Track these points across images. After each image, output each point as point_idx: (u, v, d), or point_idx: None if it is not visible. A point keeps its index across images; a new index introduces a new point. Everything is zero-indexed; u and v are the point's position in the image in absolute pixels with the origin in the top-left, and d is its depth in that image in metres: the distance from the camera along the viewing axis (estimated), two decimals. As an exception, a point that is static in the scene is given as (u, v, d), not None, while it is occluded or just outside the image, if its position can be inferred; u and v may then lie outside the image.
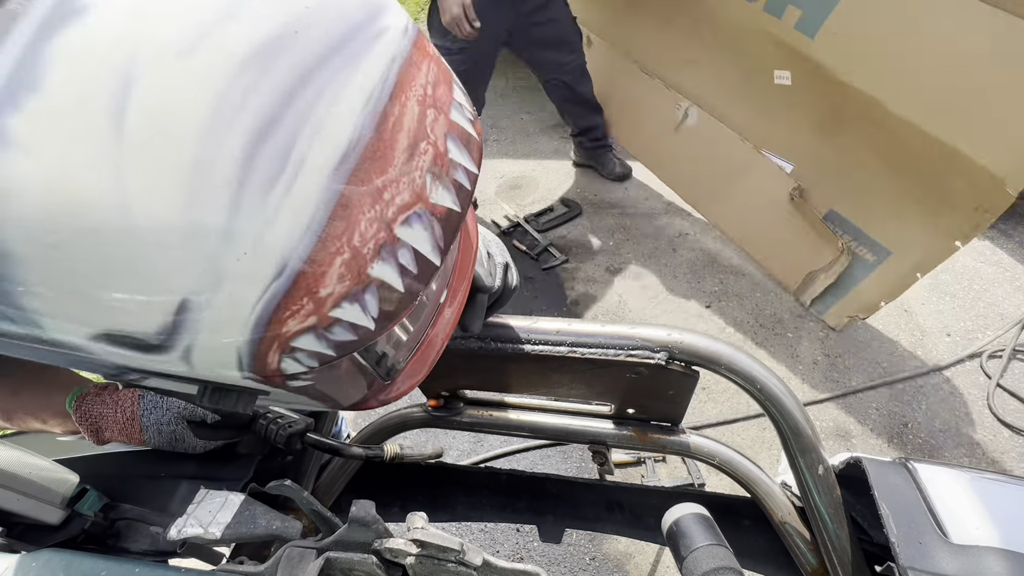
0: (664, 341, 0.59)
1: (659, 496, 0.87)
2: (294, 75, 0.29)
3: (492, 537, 1.60)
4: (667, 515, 0.57)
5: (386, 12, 0.34)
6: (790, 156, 1.98)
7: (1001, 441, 1.70)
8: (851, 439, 1.75)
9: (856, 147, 1.79)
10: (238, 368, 0.33)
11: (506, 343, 0.63)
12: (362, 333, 0.34)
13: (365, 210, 0.31)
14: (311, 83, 0.29)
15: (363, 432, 0.80)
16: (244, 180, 0.28)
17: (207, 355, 0.32)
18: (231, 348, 0.31)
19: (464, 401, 0.77)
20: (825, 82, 1.73)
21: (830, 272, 1.95)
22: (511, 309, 0.64)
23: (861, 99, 1.67)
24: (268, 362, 0.33)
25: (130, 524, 0.64)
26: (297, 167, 0.29)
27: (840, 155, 1.84)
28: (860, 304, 1.93)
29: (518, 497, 0.91)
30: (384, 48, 0.33)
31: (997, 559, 0.51)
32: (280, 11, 0.29)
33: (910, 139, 1.61)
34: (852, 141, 1.78)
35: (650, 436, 0.70)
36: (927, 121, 1.55)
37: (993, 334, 1.98)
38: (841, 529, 0.61)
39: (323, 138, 0.29)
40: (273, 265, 0.29)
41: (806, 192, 1.96)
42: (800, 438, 0.59)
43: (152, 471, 0.71)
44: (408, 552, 0.46)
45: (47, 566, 0.44)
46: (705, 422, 1.83)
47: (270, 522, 0.51)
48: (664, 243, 2.51)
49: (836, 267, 1.93)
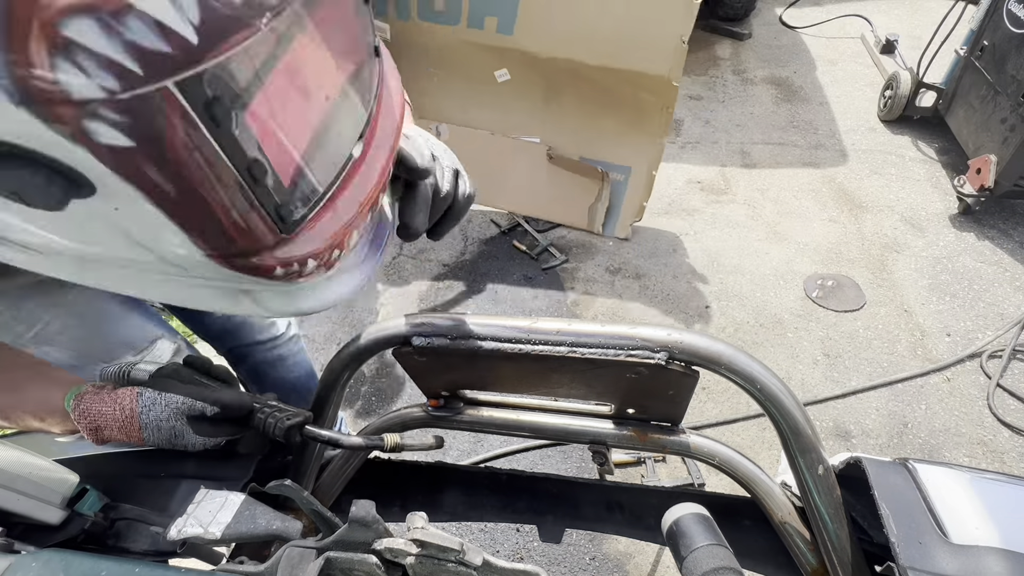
0: (664, 341, 0.59)
1: (659, 496, 0.87)
2: None
3: (492, 537, 1.60)
4: (667, 515, 0.57)
5: None
6: (534, 132, 2.39)
7: (1001, 441, 1.70)
8: (851, 439, 1.75)
9: (576, 103, 2.24)
10: None
11: (506, 343, 0.63)
12: (177, 43, 0.26)
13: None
14: None
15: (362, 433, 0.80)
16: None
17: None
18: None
19: (464, 401, 0.77)
20: (534, 64, 2.15)
21: (602, 199, 2.47)
22: (511, 309, 0.64)
23: (564, 66, 2.12)
24: (33, 60, 0.23)
25: (130, 524, 0.64)
26: None
27: (567, 114, 2.29)
28: (630, 213, 2.49)
29: (518, 497, 0.91)
30: None
31: (997, 559, 0.51)
32: None
33: (607, 80, 2.11)
34: (571, 100, 2.24)
35: (650, 436, 0.70)
36: (613, 61, 2.06)
37: (993, 334, 1.97)
38: (841, 529, 0.61)
39: None
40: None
41: (557, 152, 2.41)
42: (800, 438, 0.59)
43: (152, 471, 0.71)
44: (408, 552, 0.46)
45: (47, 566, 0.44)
46: (705, 422, 1.83)
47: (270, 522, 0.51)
48: (664, 243, 2.51)
49: (604, 192, 2.44)
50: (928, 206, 2.56)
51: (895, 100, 2.95)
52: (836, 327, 2.09)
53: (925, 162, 2.81)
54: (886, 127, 3.08)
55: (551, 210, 2.64)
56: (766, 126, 3.18)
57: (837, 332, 2.07)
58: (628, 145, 2.29)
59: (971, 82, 2.52)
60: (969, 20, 2.61)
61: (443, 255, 2.63)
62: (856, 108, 3.24)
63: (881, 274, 2.27)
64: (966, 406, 1.80)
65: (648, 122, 2.18)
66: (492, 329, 0.63)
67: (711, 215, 2.64)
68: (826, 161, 2.89)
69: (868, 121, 3.14)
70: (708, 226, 2.58)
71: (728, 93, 3.49)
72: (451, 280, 2.49)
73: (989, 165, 2.26)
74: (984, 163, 2.29)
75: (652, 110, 2.14)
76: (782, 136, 3.09)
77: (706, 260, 2.41)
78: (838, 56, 3.73)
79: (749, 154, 2.99)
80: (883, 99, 3.12)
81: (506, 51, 2.13)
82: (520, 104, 2.31)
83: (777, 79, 3.56)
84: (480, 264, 2.54)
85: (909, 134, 3.00)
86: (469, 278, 2.48)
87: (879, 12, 4.05)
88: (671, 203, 2.72)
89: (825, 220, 2.55)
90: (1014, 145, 2.17)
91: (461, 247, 2.65)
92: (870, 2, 4.22)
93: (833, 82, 3.48)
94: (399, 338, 0.66)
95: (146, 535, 0.63)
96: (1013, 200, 2.47)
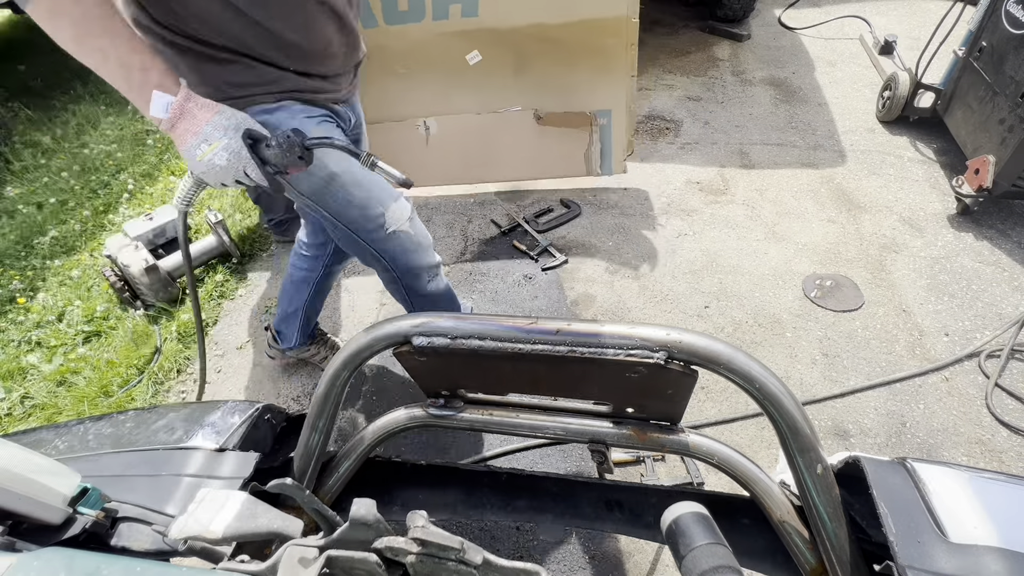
0: (663, 341, 0.59)
1: (658, 495, 0.87)
2: None
3: (492, 536, 1.60)
4: (666, 514, 0.57)
5: None
6: (515, 102, 2.50)
7: (999, 440, 1.70)
8: (849, 438, 1.76)
9: (547, 64, 2.36)
10: None
11: (506, 343, 0.63)
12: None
13: None
14: None
15: (362, 433, 0.80)
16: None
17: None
18: None
19: (464, 401, 0.77)
20: (501, 38, 2.26)
21: (594, 143, 2.60)
22: (511, 309, 0.64)
23: (530, 32, 2.25)
24: None
25: (131, 523, 0.64)
26: None
27: (541, 77, 2.41)
28: (620, 149, 2.63)
29: (518, 496, 0.91)
30: None
31: (995, 558, 0.51)
32: None
33: (571, 35, 2.26)
34: (542, 63, 2.36)
35: (649, 435, 0.70)
36: (573, 14, 2.21)
37: (991, 334, 1.98)
38: (840, 528, 0.61)
39: None
40: None
41: (542, 111, 2.53)
42: (799, 437, 0.59)
43: (153, 470, 0.71)
44: (409, 551, 0.47)
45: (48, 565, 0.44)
46: (704, 421, 1.83)
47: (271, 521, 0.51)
48: (663, 243, 2.51)
49: (595, 136, 2.58)
50: (926, 206, 2.56)
51: (893, 101, 2.95)
52: (834, 327, 2.09)
53: (923, 163, 2.82)
54: (884, 128, 3.08)
55: (552, 167, 2.74)
56: (765, 127, 3.18)
57: (835, 332, 2.07)
58: (603, 89, 2.41)
59: (969, 83, 2.53)
60: (967, 21, 2.61)
61: (443, 255, 2.63)
62: (855, 109, 3.24)
63: (879, 274, 2.27)
64: (964, 406, 1.80)
65: (616, 62, 2.34)
66: (492, 329, 0.64)
67: (710, 215, 2.65)
68: (825, 162, 2.90)
69: (867, 122, 3.14)
70: (707, 226, 2.59)
71: (727, 94, 3.49)
72: (451, 280, 2.49)
73: (987, 166, 2.27)
74: (982, 163, 2.29)
75: (617, 51, 2.31)
76: (781, 137, 3.10)
77: (705, 260, 2.41)
78: (837, 57, 3.73)
79: (748, 155, 3.00)
80: (881, 100, 3.13)
81: (474, 33, 2.24)
82: (495, 80, 2.41)
83: (776, 80, 3.57)
84: (480, 264, 2.54)
85: (907, 135, 3.01)
86: (469, 278, 2.48)
87: (878, 13, 4.06)
88: (670, 203, 2.73)
89: (824, 220, 2.55)
90: (1012, 146, 2.17)
91: (461, 247, 2.65)
92: (869, 3, 4.22)
93: (832, 83, 3.48)
94: (399, 338, 0.67)
95: (147, 534, 0.63)
96: (1011, 200, 2.47)
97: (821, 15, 4.14)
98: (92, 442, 0.77)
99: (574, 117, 2.51)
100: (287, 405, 1.96)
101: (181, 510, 0.50)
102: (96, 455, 0.73)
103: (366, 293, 2.49)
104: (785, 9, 4.27)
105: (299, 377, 2.17)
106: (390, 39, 2.24)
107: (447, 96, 2.46)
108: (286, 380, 2.16)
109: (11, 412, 2.13)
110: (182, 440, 0.75)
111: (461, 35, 2.25)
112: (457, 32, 2.24)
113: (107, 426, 0.80)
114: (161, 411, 0.83)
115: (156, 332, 2.32)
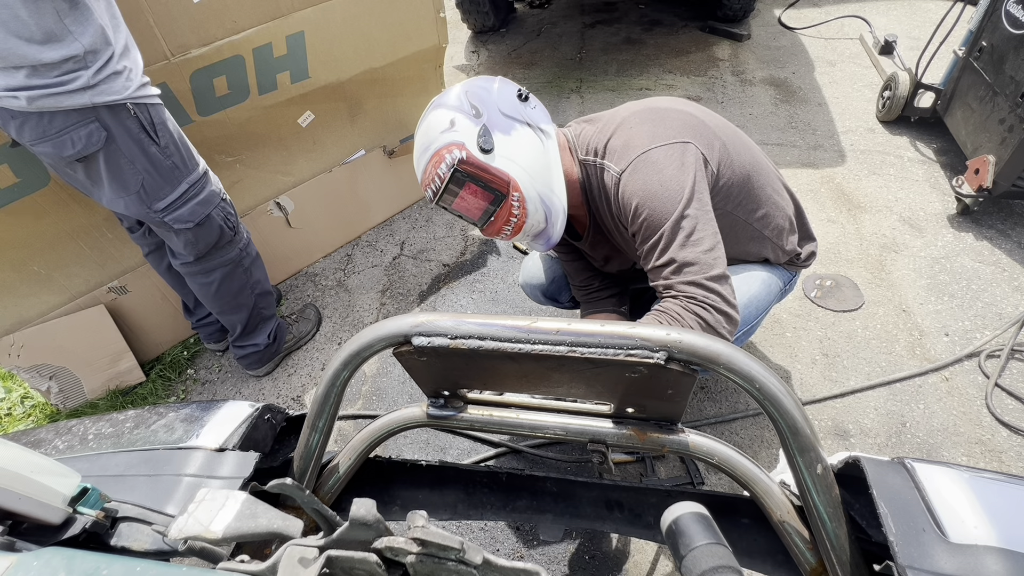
0: (663, 341, 0.59)
1: (658, 495, 0.87)
2: None
3: (492, 536, 1.60)
4: (666, 514, 0.57)
5: None
6: (357, 147, 2.57)
7: (999, 440, 1.70)
8: (849, 438, 1.76)
9: (377, 102, 2.48)
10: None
11: (506, 343, 0.63)
12: None
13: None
14: None
15: (362, 433, 0.80)
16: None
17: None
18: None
19: (464, 401, 0.77)
20: (333, 92, 2.29)
21: None
22: (511, 309, 0.64)
23: (360, 79, 2.33)
24: None
25: (131, 523, 0.64)
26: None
27: (375, 115, 2.52)
28: None
29: (518, 496, 0.91)
30: None
31: (995, 558, 0.51)
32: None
33: (395, 71, 2.43)
34: (372, 102, 2.47)
35: (649, 435, 0.70)
36: (397, 53, 2.38)
37: (991, 334, 1.98)
38: (840, 528, 0.61)
39: None
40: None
41: (390, 147, 2.65)
42: (799, 437, 0.59)
43: (153, 470, 0.71)
44: (409, 551, 0.46)
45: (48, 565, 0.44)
46: (704, 421, 1.83)
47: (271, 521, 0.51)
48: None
49: None
50: (926, 206, 2.56)
51: (893, 101, 2.95)
52: (834, 327, 2.09)
53: (923, 163, 2.82)
54: (884, 128, 3.08)
55: (419, 191, 2.88)
56: (765, 127, 3.18)
57: (835, 332, 2.07)
58: (424, 108, 2.56)
59: (969, 83, 2.53)
60: (967, 21, 2.61)
61: (443, 255, 2.63)
62: (855, 109, 3.24)
63: (879, 274, 2.27)
64: (964, 405, 1.80)
65: (431, 83, 2.59)
66: (492, 329, 0.64)
67: (710, 215, 2.64)
68: (825, 162, 2.90)
69: (867, 122, 3.14)
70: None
71: (727, 94, 3.49)
72: (451, 280, 2.49)
73: (987, 165, 2.27)
74: (982, 163, 2.29)
75: (430, 73, 2.56)
76: (781, 137, 3.10)
77: (705, 260, 2.41)
78: (837, 57, 3.73)
79: (748, 154, 3.00)
80: (881, 100, 3.13)
81: (307, 94, 2.21)
82: (334, 133, 2.43)
83: (776, 80, 3.57)
84: (480, 264, 2.54)
85: (907, 135, 3.01)
86: (469, 278, 2.48)
87: (877, 13, 4.06)
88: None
89: (824, 220, 2.55)
90: (1012, 146, 2.17)
91: (461, 247, 2.65)
92: (868, 3, 4.22)
93: (832, 83, 3.48)
94: (399, 338, 0.67)
95: (147, 534, 0.63)
96: (1011, 200, 2.47)
97: (821, 15, 4.14)
98: (92, 442, 0.77)
99: None
100: (287, 405, 1.96)
101: (181, 510, 0.50)
102: (96, 455, 0.73)
103: (366, 293, 2.49)
104: (785, 9, 4.27)
105: (299, 377, 2.17)
106: (212, 129, 1.99)
107: (289, 166, 2.35)
108: (286, 380, 2.16)
109: (11, 412, 2.13)
110: (182, 440, 0.75)
111: (292, 101, 2.16)
112: (288, 99, 2.14)
113: (107, 426, 0.80)
114: (161, 411, 0.83)
115: (156, 332, 2.32)
